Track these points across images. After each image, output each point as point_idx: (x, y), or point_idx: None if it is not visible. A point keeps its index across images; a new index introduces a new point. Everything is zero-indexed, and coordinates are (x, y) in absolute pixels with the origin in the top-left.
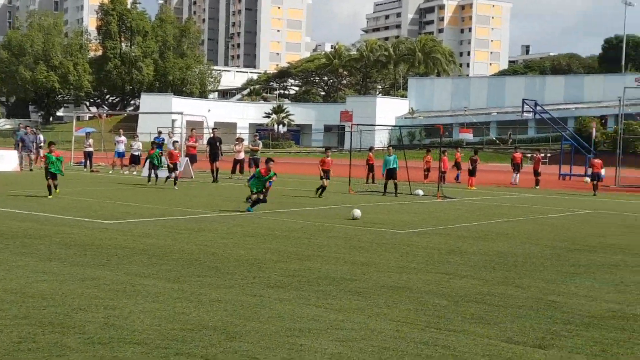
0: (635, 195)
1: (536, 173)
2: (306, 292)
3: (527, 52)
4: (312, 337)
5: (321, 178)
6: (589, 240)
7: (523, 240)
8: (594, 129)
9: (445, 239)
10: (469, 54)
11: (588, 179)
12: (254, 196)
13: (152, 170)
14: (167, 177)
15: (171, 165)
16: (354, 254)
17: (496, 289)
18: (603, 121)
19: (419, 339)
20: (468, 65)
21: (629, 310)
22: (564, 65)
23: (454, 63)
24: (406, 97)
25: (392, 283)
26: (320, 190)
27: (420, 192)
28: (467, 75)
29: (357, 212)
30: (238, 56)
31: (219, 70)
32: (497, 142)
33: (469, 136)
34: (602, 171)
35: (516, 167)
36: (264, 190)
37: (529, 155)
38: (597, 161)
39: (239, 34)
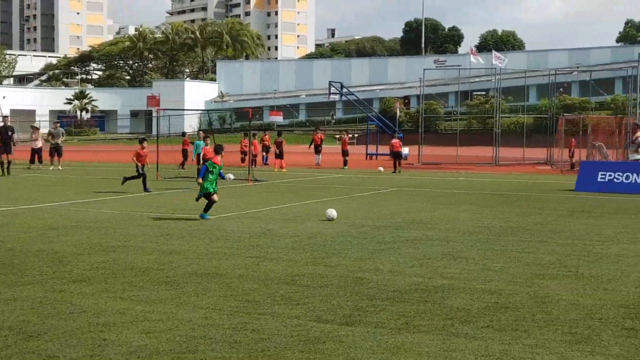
0: (436, 172)
1: (344, 153)
2: (111, 285)
3: (333, 35)
4: (116, 330)
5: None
6: (394, 217)
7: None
8: (398, 109)
9: (256, 222)
10: (276, 37)
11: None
12: (215, 197)
13: None
14: None
15: None
16: (162, 242)
17: (305, 269)
18: (406, 101)
19: (228, 324)
20: (276, 48)
21: (430, 283)
22: (368, 48)
23: (262, 46)
24: (215, 80)
25: (201, 270)
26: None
27: (231, 176)
28: (276, 58)
29: (333, 213)
30: (35, 40)
31: (14, 54)
32: (308, 124)
33: (279, 119)
34: (406, 150)
35: (317, 149)
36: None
37: (337, 136)
38: (395, 141)
39: (35, 16)
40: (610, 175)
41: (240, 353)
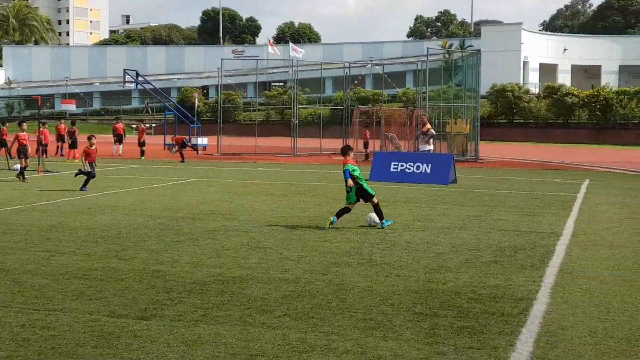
0: (235, 162)
1: (141, 144)
2: None
3: (128, 22)
4: None
5: None
6: (192, 208)
7: (127, 212)
8: (196, 99)
9: (46, 215)
10: (68, 22)
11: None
12: (375, 199)
13: None
14: None
15: None
16: None
17: (99, 263)
18: (204, 91)
19: (16, 322)
20: (68, 34)
21: (229, 273)
22: (164, 36)
23: (53, 31)
24: (1, 66)
25: None
26: None
27: (18, 167)
28: (67, 44)
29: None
30: None
31: None
32: (103, 113)
33: (71, 107)
34: (204, 140)
35: (119, 138)
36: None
37: (134, 126)
38: (179, 137)
39: None
40: (402, 166)
41: (29, 351)
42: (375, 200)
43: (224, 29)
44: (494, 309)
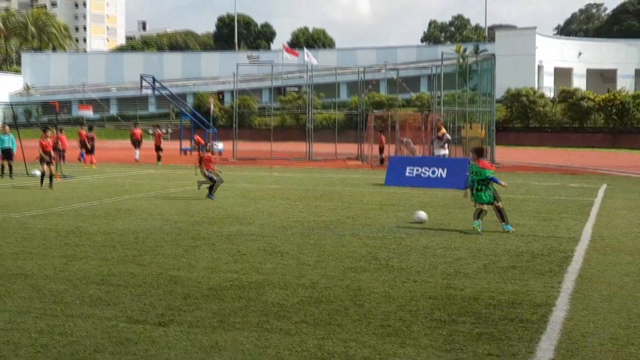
0: (251, 167)
1: (158, 149)
2: None
3: (144, 28)
4: None
5: None
6: (209, 213)
7: (145, 217)
8: (212, 105)
9: (64, 220)
10: (85, 28)
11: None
12: (485, 207)
13: None
14: None
15: None
16: None
17: (116, 268)
18: (220, 97)
19: (34, 327)
20: (85, 40)
21: (245, 279)
22: (180, 42)
23: (70, 38)
24: (20, 72)
25: (4, 271)
26: None
27: (38, 173)
28: (85, 50)
29: (423, 215)
30: None
31: None
32: (119, 119)
33: (89, 113)
34: (220, 145)
35: (136, 144)
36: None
37: (151, 131)
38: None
39: None
40: (417, 170)
41: (47, 357)
42: (497, 204)
43: (239, 34)
44: (513, 315)
